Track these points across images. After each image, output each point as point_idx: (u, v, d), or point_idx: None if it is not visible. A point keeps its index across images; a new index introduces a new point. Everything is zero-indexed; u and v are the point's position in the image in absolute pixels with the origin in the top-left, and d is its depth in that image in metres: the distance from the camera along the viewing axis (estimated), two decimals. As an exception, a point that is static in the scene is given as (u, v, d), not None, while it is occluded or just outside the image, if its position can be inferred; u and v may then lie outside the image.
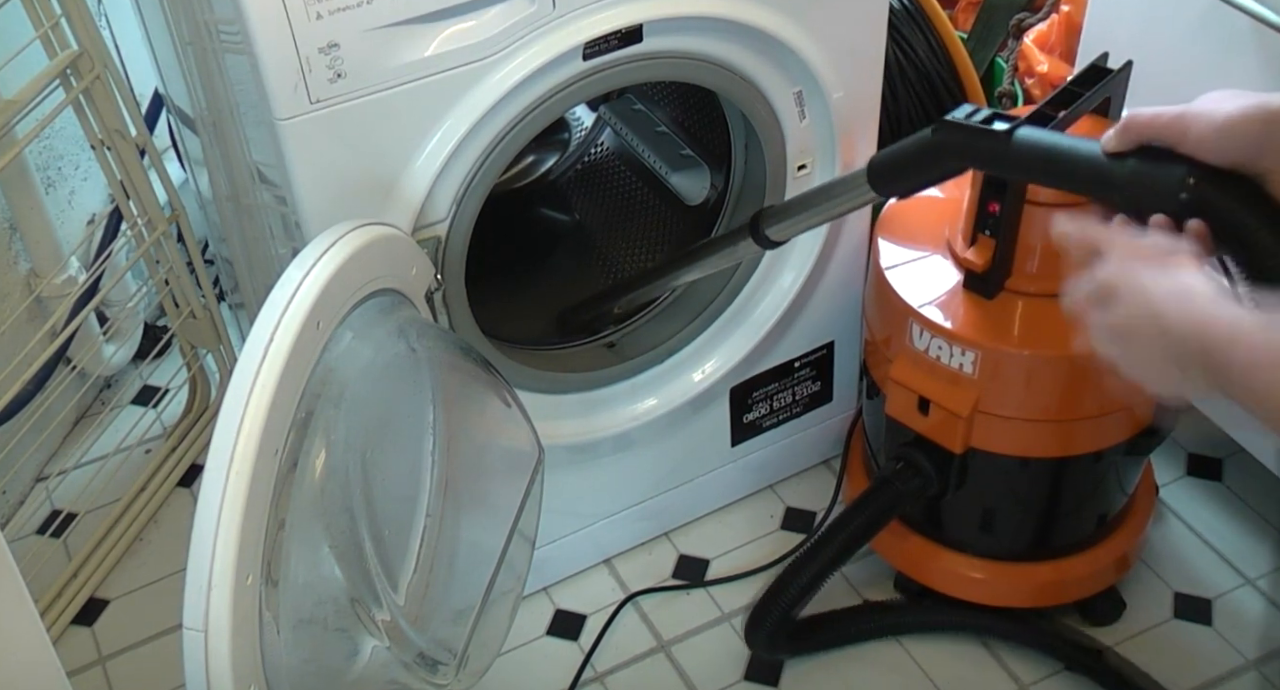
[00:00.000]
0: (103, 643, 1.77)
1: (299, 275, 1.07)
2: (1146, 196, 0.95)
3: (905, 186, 1.23)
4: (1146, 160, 0.95)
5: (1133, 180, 0.96)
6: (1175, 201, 0.93)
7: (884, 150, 1.23)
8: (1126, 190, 0.96)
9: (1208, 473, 1.86)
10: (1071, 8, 1.87)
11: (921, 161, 1.18)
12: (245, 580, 0.97)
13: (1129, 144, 0.96)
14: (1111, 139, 0.97)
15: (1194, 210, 0.92)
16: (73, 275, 1.84)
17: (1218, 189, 0.91)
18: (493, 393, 1.35)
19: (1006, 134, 1.05)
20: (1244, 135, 0.90)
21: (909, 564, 1.69)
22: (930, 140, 1.14)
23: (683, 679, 1.67)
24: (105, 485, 1.92)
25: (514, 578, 1.38)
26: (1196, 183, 0.92)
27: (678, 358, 1.64)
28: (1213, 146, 0.91)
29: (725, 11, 1.34)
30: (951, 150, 1.12)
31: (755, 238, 1.42)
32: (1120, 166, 0.96)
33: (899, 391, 1.50)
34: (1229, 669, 1.64)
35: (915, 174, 1.20)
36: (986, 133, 1.07)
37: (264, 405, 0.99)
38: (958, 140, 1.10)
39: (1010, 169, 1.11)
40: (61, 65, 1.61)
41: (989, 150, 1.07)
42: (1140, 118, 0.95)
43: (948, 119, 1.10)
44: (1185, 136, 0.93)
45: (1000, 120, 1.07)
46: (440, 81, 1.25)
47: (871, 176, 1.23)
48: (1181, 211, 0.93)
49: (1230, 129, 0.90)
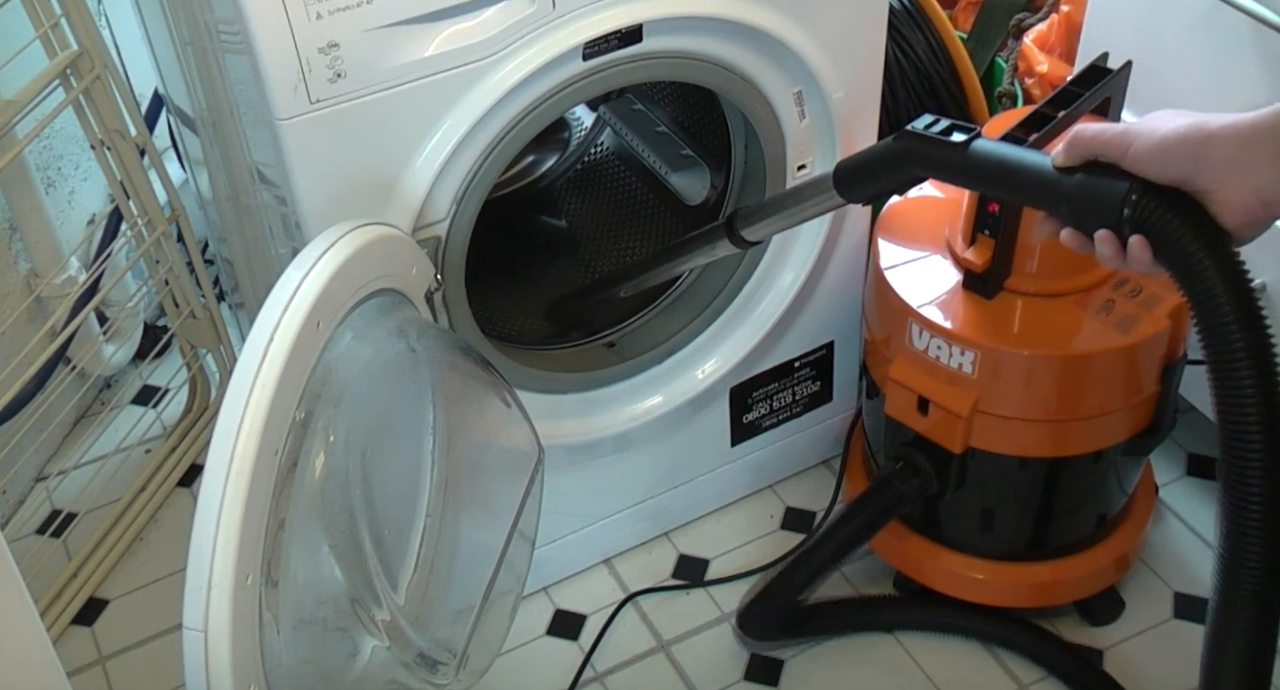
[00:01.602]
0: (103, 643, 1.77)
1: (299, 275, 1.07)
2: (1091, 210, 0.97)
3: (868, 192, 1.25)
4: (1093, 175, 0.97)
5: (1078, 194, 0.98)
6: (1117, 216, 0.95)
7: (849, 156, 1.25)
8: (1072, 204, 0.99)
9: (1208, 473, 1.86)
10: (1071, 8, 1.87)
11: (883, 168, 1.20)
12: (245, 580, 0.97)
13: (1076, 159, 0.98)
14: (1060, 154, 0.99)
15: (1135, 225, 0.95)
16: (73, 275, 1.84)
17: (1157, 205, 0.93)
18: (493, 393, 1.35)
19: (963, 145, 1.08)
20: (1181, 154, 0.92)
21: (908, 564, 1.69)
22: (892, 148, 1.16)
23: (683, 679, 1.67)
24: (105, 485, 1.92)
25: (514, 578, 1.38)
26: (1138, 199, 0.94)
27: (678, 357, 1.64)
28: (1151, 164, 0.94)
29: (725, 11, 1.34)
30: (911, 158, 1.14)
31: (730, 238, 1.45)
32: (1068, 181, 0.99)
33: (898, 391, 1.50)
34: (1229, 669, 1.63)
35: (878, 180, 1.22)
36: (944, 143, 1.09)
37: (264, 405, 0.99)
38: (917, 149, 1.12)
39: (966, 179, 1.12)
40: (61, 65, 1.61)
41: (946, 160, 1.10)
42: (1086, 133, 0.97)
43: (908, 128, 1.12)
44: (1127, 153, 0.95)
45: (959, 131, 1.09)
46: (440, 81, 1.25)
47: (837, 181, 1.25)
48: (1124, 226, 0.95)
49: (1168, 147, 0.93)
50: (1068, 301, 1.45)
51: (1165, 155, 0.93)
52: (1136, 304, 1.44)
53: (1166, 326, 1.43)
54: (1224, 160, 0.91)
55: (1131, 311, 1.43)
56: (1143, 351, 1.44)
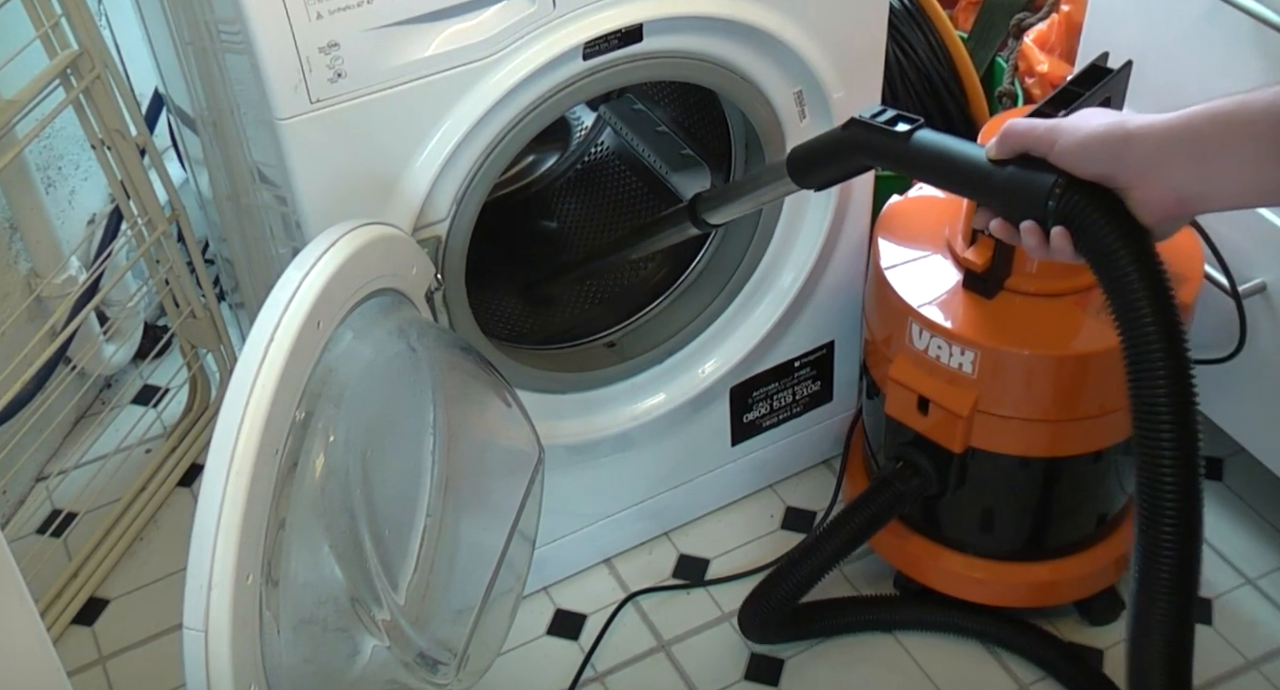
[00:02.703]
0: (103, 643, 1.77)
1: (299, 275, 1.07)
2: (1018, 202, 1.01)
3: (820, 179, 1.28)
4: (1023, 168, 1.00)
5: (1007, 186, 1.02)
6: (1042, 208, 0.99)
7: (803, 143, 1.28)
8: (1002, 195, 1.03)
9: (1208, 473, 1.84)
10: (1071, 7, 1.87)
11: (832, 155, 1.23)
12: (245, 580, 0.97)
13: (1008, 152, 1.02)
14: (993, 147, 1.03)
15: (1059, 218, 0.99)
16: (73, 275, 1.84)
17: (1080, 199, 0.97)
18: (493, 392, 1.35)
19: (905, 135, 1.11)
20: (1101, 151, 0.96)
21: (908, 563, 1.69)
22: (840, 136, 1.20)
23: (683, 678, 1.67)
24: (105, 485, 1.92)
25: (514, 577, 1.38)
26: (1062, 192, 0.98)
27: (678, 357, 1.64)
28: (1075, 160, 0.97)
29: (725, 11, 1.35)
30: (857, 146, 1.17)
31: (693, 221, 1.50)
32: (999, 173, 1.02)
33: (898, 391, 1.50)
34: (1229, 669, 1.64)
35: (828, 167, 1.25)
36: (888, 132, 1.12)
37: (264, 405, 0.99)
38: (863, 137, 1.15)
39: (908, 168, 1.15)
40: (62, 65, 1.61)
41: (889, 149, 1.13)
42: (1017, 128, 1.01)
43: (856, 117, 1.16)
44: (1053, 148, 0.98)
45: (904, 122, 1.12)
46: (440, 81, 1.25)
47: (790, 167, 1.28)
48: (1048, 218, 0.99)
49: (1090, 145, 0.96)
50: (1068, 301, 1.45)
51: (1087, 152, 0.97)
52: (1137, 304, 1.44)
53: (1167, 326, 1.43)
54: (1141, 159, 0.95)
55: (1132, 311, 1.43)
56: (1143, 351, 1.43)
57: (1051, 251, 1.01)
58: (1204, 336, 1.59)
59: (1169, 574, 0.99)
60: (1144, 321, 0.96)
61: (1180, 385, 0.96)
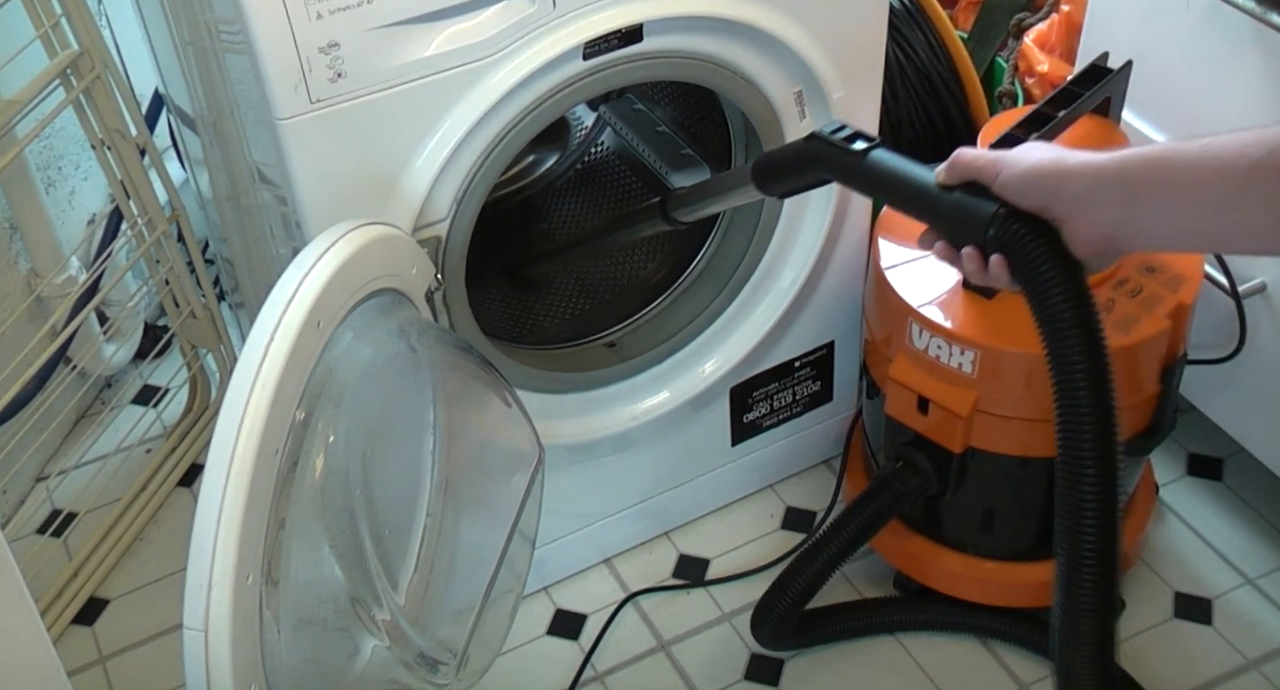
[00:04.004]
0: (103, 643, 1.77)
1: (299, 275, 1.07)
2: (961, 228, 1.05)
3: (781, 188, 1.32)
4: (968, 195, 1.04)
5: (952, 212, 1.05)
6: (983, 235, 1.02)
7: (768, 151, 1.31)
8: (947, 219, 1.06)
9: (1208, 473, 1.86)
10: (1072, 7, 1.87)
11: (792, 168, 1.27)
12: (245, 580, 0.97)
13: (955, 179, 1.05)
14: (942, 172, 1.06)
15: (997, 245, 1.02)
16: (73, 275, 1.84)
17: (1019, 229, 1.00)
18: (493, 392, 1.35)
19: (861, 153, 1.14)
20: (1039, 185, 0.99)
21: (909, 563, 1.69)
22: (800, 149, 1.23)
23: (683, 678, 1.67)
24: (105, 485, 1.92)
25: (514, 577, 1.38)
26: (1002, 221, 1.01)
27: (678, 357, 1.64)
28: (1015, 191, 1.00)
29: (725, 11, 1.34)
30: (816, 160, 1.20)
31: (664, 218, 1.57)
32: (946, 198, 1.05)
33: (898, 391, 1.50)
34: (1229, 669, 1.64)
35: (787, 178, 1.28)
36: (844, 150, 1.15)
37: (264, 405, 0.99)
38: (822, 152, 1.18)
39: (862, 185, 1.18)
40: (62, 65, 1.61)
41: (845, 165, 1.16)
42: (965, 157, 1.04)
43: (816, 132, 1.18)
44: (996, 179, 1.01)
45: (861, 140, 1.15)
46: (440, 81, 1.25)
47: (754, 175, 1.31)
48: (988, 245, 1.03)
49: (1030, 178, 0.99)
50: (1068, 301, 1.45)
51: (1027, 185, 1.00)
52: (1136, 304, 1.44)
53: (1166, 326, 1.43)
54: (1075, 195, 0.98)
55: (1131, 311, 1.43)
56: (1143, 351, 1.44)
57: (990, 277, 1.04)
58: (1204, 336, 1.59)
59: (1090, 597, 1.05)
60: (1071, 352, 1.00)
61: (1103, 415, 1.01)
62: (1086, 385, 1.00)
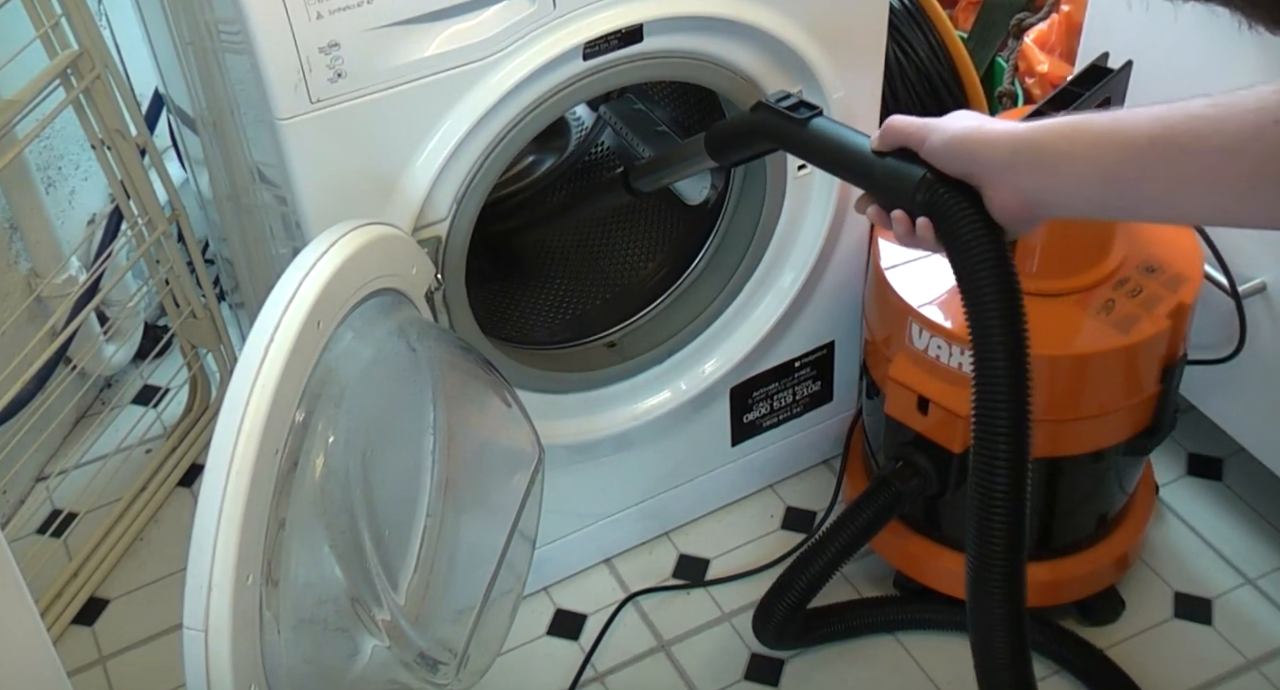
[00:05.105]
0: (103, 643, 1.77)
1: (299, 275, 1.07)
2: (892, 192, 1.09)
3: (732, 158, 1.36)
4: (899, 161, 1.07)
5: (884, 177, 1.09)
6: (910, 200, 1.06)
7: (721, 122, 1.37)
8: (879, 184, 1.10)
9: (1208, 473, 1.86)
10: (1071, 7, 1.87)
11: (741, 136, 1.31)
12: (245, 580, 0.97)
13: (888, 145, 1.09)
14: (876, 139, 1.10)
15: (924, 209, 1.06)
16: (73, 275, 1.84)
17: (944, 194, 1.04)
18: (493, 392, 1.35)
19: (803, 121, 1.18)
20: (961, 152, 1.03)
21: (909, 563, 1.69)
22: (748, 119, 1.27)
23: (683, 678, 1.67)
24: (105, 485, 1.92)
25: (514, 577, 1.38)
26: (928, 186, 1.05)
27: (678, 357, 1.64)
28: (940, 157, 1.04)
29: (725, 11, 1.35)
30: (761, 129, 1.24)
31: (626, 189, 1.66)
32: (879, 164, 1.09)
33: (898, 391, 1.50)
34: (1229, 669, 1.64)
35: (738, 147, 1.33)
36: (788, 117, 1.19)
37: (264, 405, 0.99)
38: (767, 121, 1.21)
39: (803, 152, 1.22)
40: (62, 65, 1.61)
41: (788, 133, 1.20)
42: (896, 123, 1.08)
43: (762, 101, 1.22)
44: (924, 145, 1.05)
45: (804, 109, 1.19)
46: (440, 81, 1.25)
47: (708, 144, 1.35)
48: (916, 209, 1.07)
49: (953, 144, 1.03)
50: (1068, 301, 1.45)
51: (950, 151, 1.03)
52: (1136, 304, 1.44)
53: (1166, 326, 1.43)
54: (993, 162, 1.01)
55: (1131, 311, 1.43)
56: (1143, 351, 1.44)
57: (917, 240, 1.08)
58: (1204, 336, 1.59)
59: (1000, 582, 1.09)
60: (989, 312, 1.03)
61: (1016, 372, 1.04)
62: (1001, 341, 1.03)
